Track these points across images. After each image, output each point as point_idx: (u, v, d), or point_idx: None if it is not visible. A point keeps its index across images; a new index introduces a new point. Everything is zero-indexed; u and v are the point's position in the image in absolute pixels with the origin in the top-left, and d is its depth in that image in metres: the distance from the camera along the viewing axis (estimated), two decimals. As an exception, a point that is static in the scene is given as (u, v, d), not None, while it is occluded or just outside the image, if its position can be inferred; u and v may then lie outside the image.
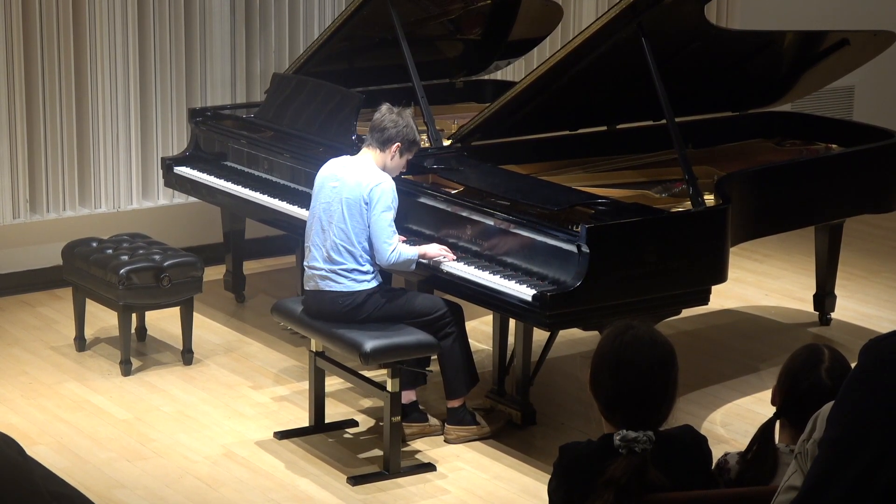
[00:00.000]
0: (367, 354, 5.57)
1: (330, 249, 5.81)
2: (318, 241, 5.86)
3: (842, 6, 10.34)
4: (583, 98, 6.67)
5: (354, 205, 5.77)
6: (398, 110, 5.92)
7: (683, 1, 6.04)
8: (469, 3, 7.63)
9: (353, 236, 5.78)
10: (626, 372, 3.38)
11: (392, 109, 5.91)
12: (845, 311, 7.64)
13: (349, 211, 5.78)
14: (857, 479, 2.77)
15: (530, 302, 5.41)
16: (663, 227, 5.70)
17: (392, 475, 5.66)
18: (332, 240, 5.81)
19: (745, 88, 7.22)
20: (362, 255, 5.80)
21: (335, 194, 5.82)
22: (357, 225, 5.78)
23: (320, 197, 5.89)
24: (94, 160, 7.91)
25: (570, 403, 6.35)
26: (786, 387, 3.74)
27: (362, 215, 5.77)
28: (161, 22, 7.99)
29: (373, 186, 5.76)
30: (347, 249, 5.79)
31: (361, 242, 5.78)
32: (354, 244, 5.78)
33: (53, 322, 7.35)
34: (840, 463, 2.81)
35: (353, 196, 5.77)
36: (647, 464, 3.30)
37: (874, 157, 6.99)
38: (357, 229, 5.78)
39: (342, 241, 5.79)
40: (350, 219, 5.77)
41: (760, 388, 6.57)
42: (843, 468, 2.79)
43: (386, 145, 5.86)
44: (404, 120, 5.88)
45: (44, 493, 3.07)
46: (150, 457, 5.83)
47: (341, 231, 5.79)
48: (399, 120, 5.86)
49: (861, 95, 10.57)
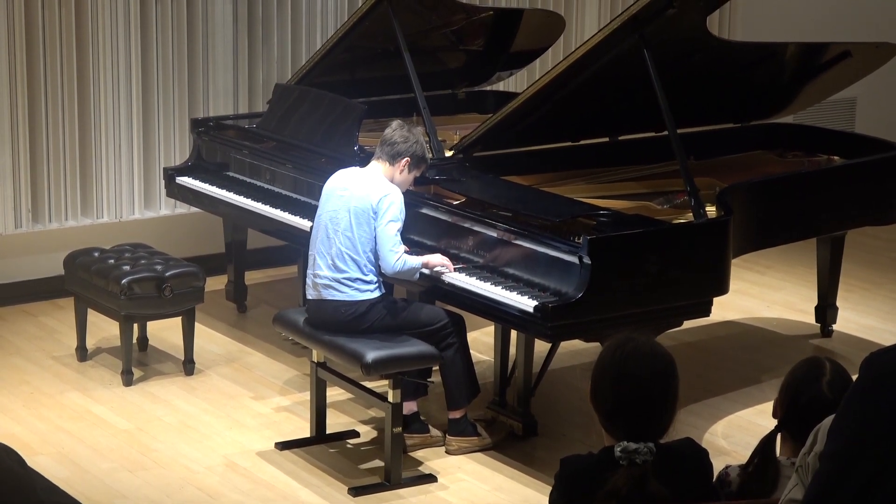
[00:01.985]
0: (369, 365, 5.57)
1: (335, 257, 5.81)
2: (324, 249, 5.86)
3: (843, 18, 10.35)
4: (585, 109, 6.67)
5: (362, 214, 5.78)
6: (409, 126, 5.98)
7: (685, 12, 6.05)
8: (471, 14, 7.64)
9: (359, 245, 5.79)
10: (626, 383, 3.38)
11: (402, 125, 5.97)
12: (847, 323, 7.63)
13: (356, 220, 5.79)
14: (858, 493, 2.77)
15: (532, 313, 5.41)
16: (665, 238, 5.70)
17: (393, 486, 5.66)
18: (337, 248, 5.81)
19: (746, 100, 7.22)
20: (366, 265, 5.80)
21: (343, 203, 5.84)
22: (363, 234, 5.78)
23: (327, 205, 5.90)
24: (96, 170, 7.92)
25: (571, 415, 6.34)
26: (787, 399, 3.74)
27: (369, 224, 5.78)
28: (164, 32, 8.00)
29: (381, 197, 5.77)
30: (352, 258, 5.79)
31: (366, 252, 5.79)
32: (360, 253, 5.79)
33: (55, 332, 7.36)
34: (841, 476, 2.81)
35: (362, 205, 5.79)
36: (648, 475, 3.30)
37: (876, 169, 6.99)
38: (363, 238, 5.78)
39: (348, 249, 5.79)
40: (357, 227, 5.78)
41: (762, 400, 6.56)
42: (844, 481, 2.80)
43: (395, 159, 5.89)
44: (414, 136, 5.93)
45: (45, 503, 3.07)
46: (152, 467, 5.83)
47: (347, 239, 5.80)
48: (409, 136, 5.91)
49: (863, 107, 10.58)
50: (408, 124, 6.03)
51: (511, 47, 7.91)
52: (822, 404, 3.61)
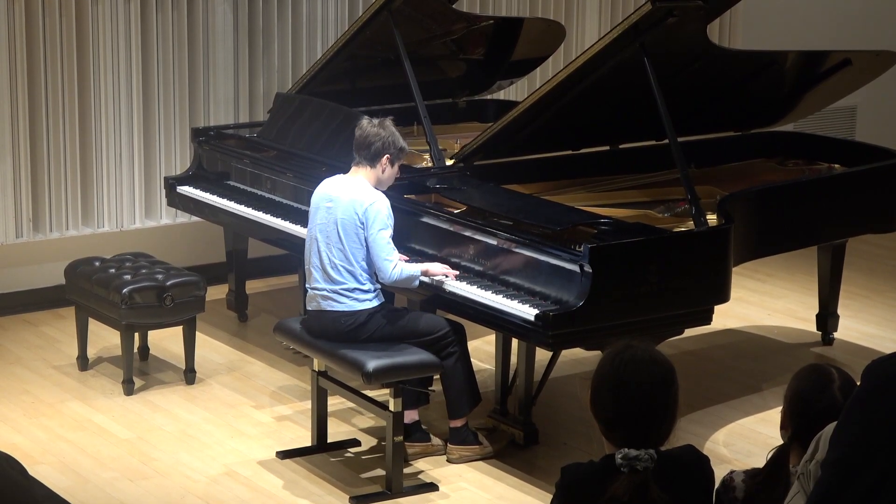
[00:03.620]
0: (370, 374, 5.57)
1: (330, 270, 5.81)
2: (318, 263, 5.86)
3: (844, 26, 10.36)
4: (585, 118, 6.67)
5: (350, 225, 5.77)
6: (378, 122, 5.91)
7: (686, 21, 6.05)
8: (472, 23, 7.64)
9: (351, 256, 5.78)
10: (625, 391, 3.38)
11: (372, 122, 5.91)
12: (848, 330, 7.63)
13: (345, 232, 5.78)
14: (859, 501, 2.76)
15: (533, 322, 5.41)
16: (666, 246, 5.70)
17: (394, 495, 5.65)
18: (331, 261, 5.81)
19: (747, 108, 7.22)
20: (362, 275, 5.80)
21: (330, 216, 5.83)
22: (353, 245, 5.78)
23: (316, 219, 5.90)
24: (97, 179, 7.92)
25: (572, 423, 6.34)
26: (799, 410, 3.69)
27: (358, 235, 5.77)
28: (164, 41, 8.01)
29: (367, 206, 5.76)
30: (347, 269, 5.79)
31: (360, 262, 5.79)
32: (353, 264, 5.78)
33: (56, 341, 7.35)
34: (843, 484, 2.81)
35: (348, 217, 5.78)
36: (649, 482, 3.30)
37: (877, 177, 6.99)
38: (354, 249, 5.78)
39: (341, 261, 5.79)
40: (346, 239, 5.78)
41: (763, 408, 6.56)
42: (845, 490, 2.79)
43: (375, 160, 5.87)
44: (386, 130, 5.88)
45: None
46: (153, 476, 5.83)
47: (339, 252, 5.79)
48: (381, 132, 5.86)
49: (863, 115, 10.58)
50: (374, 119, 5.95)
51: (512, 56, 7.91)
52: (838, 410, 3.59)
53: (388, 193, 5.91)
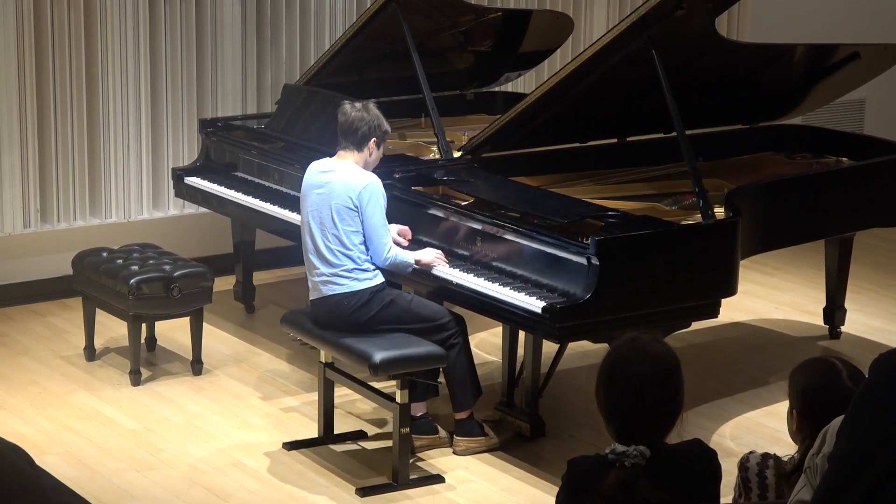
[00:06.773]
0: (377, 365, 5.57)
1: (327, 254, 5.81)
2: (315, 249, 5.86)
3: (852, 20, 10.34)
4: (593, 110, 6.67)
5: (344, 210, 5.77)
6: (361, 105, 5.91)
7: (694, 14, 6.04)
8: (480, 15, 7.63)
9: (347, 240, 5.78)
10: (616, 386, 3.38)
11: (355, 106, 5.91)
12: (855, 324, 7.62)
13: (339, 216, 5.78)
14: (866, 495, 2.77)
15: (540, 314, 5.41)
16: (673, 239, 5.70)
17: (401, 486, 5.66)
18: (327, 246, 5.81)
19: (755, 101, 7.21)
20: (359, 256, 5.80)
21: (323, 201, 5.82)
22: (349, 228, 5.78)
23: (307, 205, 5.89)
24: (104, 170, 7.93)
25: (579, 416, 6.34)
26: (814, 409, 3.66)
27: (353, 218, 5.77)
28: (172, 32, 8.01)
29: (360, 189, 5.76)
30: (344, 253, 5.80)
31: (356, 244, 5.79)
32: (349, 247, 5.79)
33: (63, 332, 7.36)
34: (849, 478, 2.81)
35: (341, 201, 5.78)
36: (637, 478, 3.28)
37: (885, 171, 6.97)
38: (349, 232, 5.78)
39: (338, 246, 5.79)
40: (341, 223, 5.78)
41: (770, 402, 6.56)
42: (852, 483, 2.79)
43: (362, 144, 5.87)
44: (371, 114, 5.88)
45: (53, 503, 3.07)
46: (160, 467, 5.84)
47: (334, 237, 5.80)
48: (365, 115, 5.87)
49: (872, 109, 10.56)
50: (357, 102, 5.94)
51: (520, 48, 7.90)
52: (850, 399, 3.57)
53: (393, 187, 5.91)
